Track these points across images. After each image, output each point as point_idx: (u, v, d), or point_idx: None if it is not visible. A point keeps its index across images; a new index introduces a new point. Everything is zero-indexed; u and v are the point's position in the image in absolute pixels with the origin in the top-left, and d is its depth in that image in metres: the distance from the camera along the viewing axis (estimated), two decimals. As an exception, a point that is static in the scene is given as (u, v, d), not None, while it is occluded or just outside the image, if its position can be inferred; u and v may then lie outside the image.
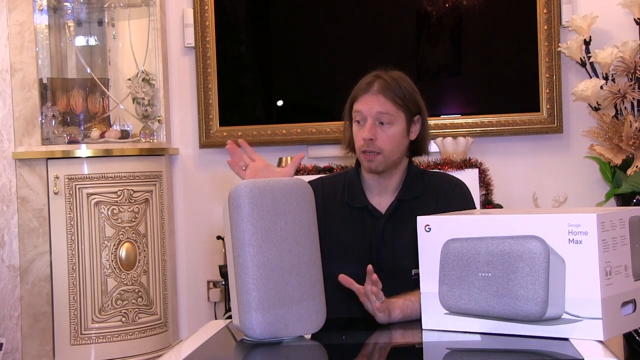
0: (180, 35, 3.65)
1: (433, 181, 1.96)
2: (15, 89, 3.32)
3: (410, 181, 1.94)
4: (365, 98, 1.89)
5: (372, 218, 1.92)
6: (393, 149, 1.89)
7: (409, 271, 1.84)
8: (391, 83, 1.89)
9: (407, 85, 1.91)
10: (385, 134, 1.87)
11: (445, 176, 2.01)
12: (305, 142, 3.50)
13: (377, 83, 1.89)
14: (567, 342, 1.32)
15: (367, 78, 1.93)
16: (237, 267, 1.43)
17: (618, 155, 3.02)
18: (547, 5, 3.28)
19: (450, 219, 1.48)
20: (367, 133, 1.86)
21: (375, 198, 1.95)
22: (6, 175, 3.30)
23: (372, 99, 1.88)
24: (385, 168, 1.90)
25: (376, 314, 1.62)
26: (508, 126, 3.34)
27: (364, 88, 1.90)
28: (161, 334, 3.42)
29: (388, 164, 1.89)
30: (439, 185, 1.94)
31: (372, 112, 1.87)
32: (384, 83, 1.89)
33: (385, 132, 1.87)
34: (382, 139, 1.87)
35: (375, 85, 1.89)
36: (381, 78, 1.90)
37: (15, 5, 3.31)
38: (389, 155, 1.88)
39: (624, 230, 1.37)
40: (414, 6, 3.46)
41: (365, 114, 1.88)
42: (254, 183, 1.45)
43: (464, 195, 1.94)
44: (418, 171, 1.98)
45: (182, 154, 3.70)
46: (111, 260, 3.27)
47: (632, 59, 3.05)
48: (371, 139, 1.85)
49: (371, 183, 1.95)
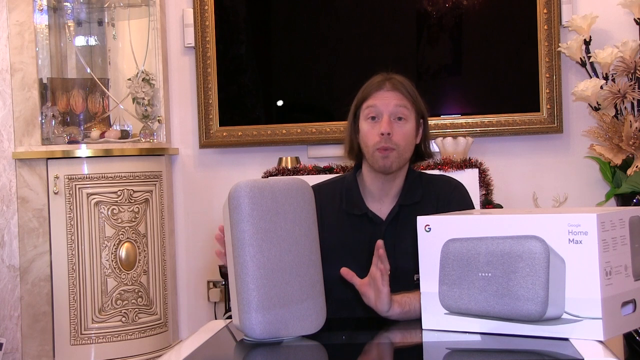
0: (180, 35, 3.66)
1: (432, 184, 1.95)
2: (15, 89, 3.32)
3: (410, 185, 1.93)
4: (380, 94, 1.88)
5: (373, 225, 1.90)
6: (407, 147, 1.89)
7: (411, 276, 1.84)
8: (403, 82, 1.91)
9: (413, 87, 1.93)
10: (402, 130, 1.87)
11: (444, 178, 2.00)
12: (305, 142, 3.50)
13: (390, 82, 1.90)
14: (567, 342, 1.32)
15: (376, 78, 1.93)
16: (237, 267, 1.43)
17: (618, 155, 3.02)
18: (547, 5, 3.28)
19: (450, 219, 1.48)
20: (385, 127, 1.84)
21: (375, 204, 1.93)
22: (6, 175, 3.30)
23: (388, 94, 1.87)
24: (397, 167, 1.88)
25: (377, 303, 1.61)
26: (508, 126, 3.34)
27: (376, 86, 1.90)
28: (161, 334, 3.42)
29: (401, 162, 1.88)
30: (438, 188, 1.93)
31: (389, 107, 1.86)
32: (396, 81, 1.90)
33: (401, 128, 1.87)
34: (399, 135, 1.86)
35: (388, 84, 1.89)
36: (392, 78, 1.91)
37: (15, 5, 3.31)
38: (403, 152, 1.88)
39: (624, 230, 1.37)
40: (414, 6, 3.46)
41: (381, 109, 1.86)
42: (254, 183, 1.45)
43: (463, 197, 1.94)
44: (416, 174, 1.97)
45: (182, 154, 3.70)
46: (111, 260, 3.27)
47: (632, 59, 3.05)
48: (389, 133, 1.84)
49: (372, 188, 1.92)
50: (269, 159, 3.49)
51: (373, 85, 1.90)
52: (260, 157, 3.55)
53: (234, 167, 3.63)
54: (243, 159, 3.61)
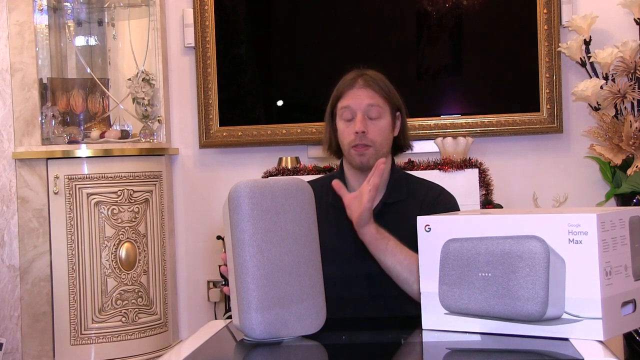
0: (180, 35, 3.66)
1: (418, 187, 1.95)
2: (15, 89, 3.32)
3: (394, 183, 1.93)
4: (352, 93, 1.89)
5: None
6: (383, 142, 1.89)
7: None
8: (375, 77, 1.91)
9: (387, 81, 1.93)
10: (376, 127, 1.87)
11: (430, 184, 1.99)
12: (305, 142, 3.50)
13: (362, 79, 1.90)
14: (567, 342, 1.32)
15: (348, 75, 1.93)
16: (237, 267, 1.42)
17: (618, 155, 3.02)
18: (547, 5, 3.28)
19: (450, 219, 1.48)
20: (359, 125, 1.85)
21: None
22: (6, 175, 3.30)
23: (360, 92, 1.88)
24: (375, 161, 1.89)
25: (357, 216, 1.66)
26: (508, 126, 3.34)
27: (348, 84, 1.90)
28: (161, 334, 3.42)
29: (378, 157, 1.88)
30: (425, 192, 1.93)
31: (362, 106, 1.87)
32: (368, 78, 1.90)
33: (375, 125, 1.87)
34: (373, 132, 1.87)
35: (360, 81, 1.89)
36: (365, 74, 1.91)
37: (15, 5, 3.31)
38: (380, 148, 1.88)
39: (624, 230, 1.37)
40: (414, 6, 3.46)
41: (354, 108, 1.87)
42: (254, 183, 1.44)
43: (448, 202, 1.92)
44: (402, 174, 1.98)
45: (182, 154, 3.70)
46: (111, 260, 3.27)
47: (632, 59, 3.05)
48: (363, 132, 1.85)
49: (355, 185, 1.92)
50: (269, 159, 3.49)
51: (346, 83, 1.91)
52: (260, 157, 3.55)
53: (234, 167, 3.63)
54: (243, 159, 3.61)
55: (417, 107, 3.26)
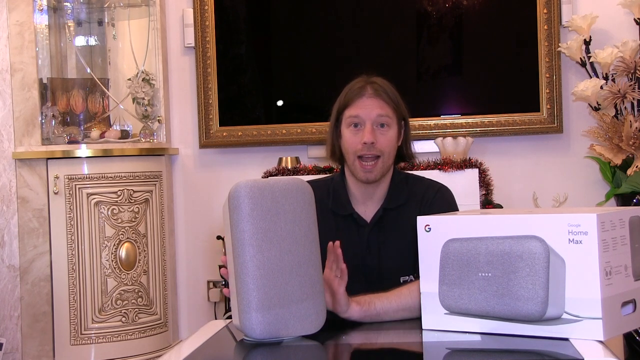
0: (180, 35, 3.66)
1: (417, 187, 1.94)
2: (15, 89, 3.32)
3: (395, 189, 1.93)
4: (361, 102, 1.87)
5: (357, 226, 1.91)
6: (391, 152, 1.89)
7: (396, 278, 1.84)
8: (384, 86, 1.89)
9: (394, 89, 1.91)
10: (384, 137, 1.86)
11: (429, 182, 1.98)
12: (305, 142, 3.50)
13: (371, 87, 1.88)
14: (567, 342, 1.32)
15: (356, 83, 1.91)
16: (237, 267, 1.42)
17: (618, 155, 3.02)
18: (547, 5, 3.28)
19: (450, 219, 1.48)
20: (368, 136, 1.83)
21: (360, 206, 1.93)
22: (6, 175, 3.30)
23: (370, 102, 1.86)
24: (381, 176, 1.88)
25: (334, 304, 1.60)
26: (508, 126, 3.34)
27: (357, 92, 1.88)
28: (161, 334, 3.42)
29: (384, 170, 1.88)
30: (423, 191, 1.93)
31: (371, 116, 1.86)
32: (377, 87, 1.88)
33: (384, 135, 1.86)
34: (382, 142, 1.86)
35: (369, 89, 1.87)
36: (373, 82, 1.89)
37: (15, 5, 3.31)
38: (388, 159, 1.88)
39: (624, 230, 1.37)
40: (414, 6, 3.46)
41: (364, 118, 1.86)
42: (254, 183, 1.45)
43: (445, 199, 1.92)
44: (402, 177, 1.97)
45: (182, 154, 3.70)
46: (111, 260, 3.27)
47: (632, 59, 3.05)
48: (372, 142, 1.84)
49: (356, 193, 1.92)
50: (269, 159, 3.49)
51: (354, 92, 1.89)
52: (260, 157, 3.55)
53: (234, 167, 3.63)
54: (243, 159, 3.61)
55: (417, 107, 3.26)
